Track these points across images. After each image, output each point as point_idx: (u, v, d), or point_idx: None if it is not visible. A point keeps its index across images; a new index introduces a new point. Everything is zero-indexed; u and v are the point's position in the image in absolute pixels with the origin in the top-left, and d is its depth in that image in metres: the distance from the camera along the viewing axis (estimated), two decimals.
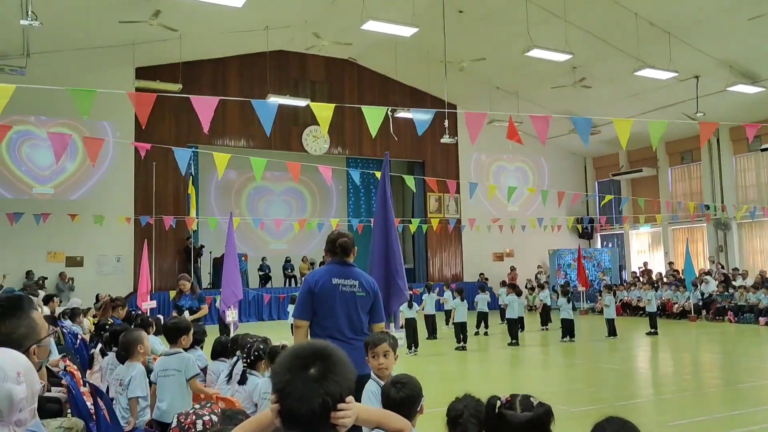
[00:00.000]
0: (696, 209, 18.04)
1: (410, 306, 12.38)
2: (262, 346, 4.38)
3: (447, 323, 16.28)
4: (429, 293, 14.38)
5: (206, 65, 19.69)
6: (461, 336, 12.44)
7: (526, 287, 21.58)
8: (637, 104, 19.32)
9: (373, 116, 7.13)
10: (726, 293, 17.21)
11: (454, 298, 13.66)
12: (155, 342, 6.64)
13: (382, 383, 3.33)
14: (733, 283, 18.09)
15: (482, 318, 14.90)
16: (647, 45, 15.78)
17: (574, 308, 13.97)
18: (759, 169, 20.56)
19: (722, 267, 20.01)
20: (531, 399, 2.06)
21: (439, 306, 15.42)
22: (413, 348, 11.81)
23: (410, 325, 11.94)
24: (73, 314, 9.92)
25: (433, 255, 23.12)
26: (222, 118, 19.41)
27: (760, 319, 15.61)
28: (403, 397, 2.83)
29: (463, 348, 12.31)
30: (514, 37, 16.32)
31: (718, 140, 20.98)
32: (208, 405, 2.76)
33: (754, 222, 20.11)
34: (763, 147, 18.87)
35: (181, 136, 18.79)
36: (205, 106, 6.30)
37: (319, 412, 1.44)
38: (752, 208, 17.81)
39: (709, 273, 19.40)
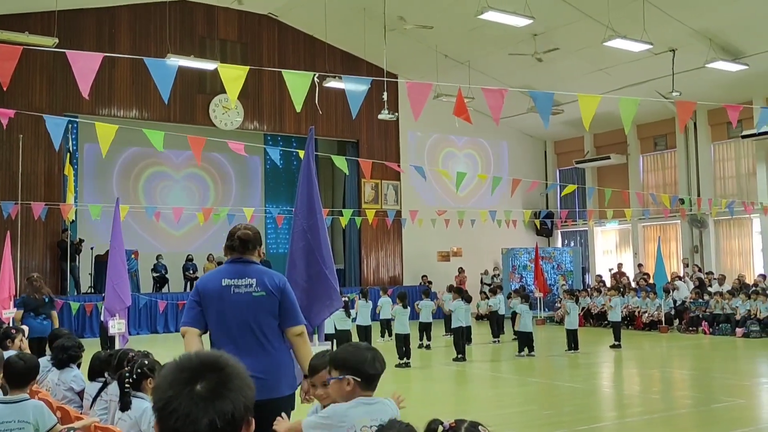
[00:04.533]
0: (669, 203, 18.75)
1: (348, 314, 12.31)
2: (146, 362, 4.26)
3: (383, 335, 16.36)
4: (366, 300, 14.41)
5: (89, 15, 19.03)
6: (404, 350, 12.52)
7: (482, 292, 21.93)
8: (606, 80, 19.89)
9: (297, 84, 7.03)
10: (700, 300, 18.00)
11: (395, 304, 13.74)
12: None
13: None
14: (709, 289, 18.94)
15: (425, 329, 15.05)
16: (618, 10, 16.26)
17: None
18: (739, 159, 21.57)
19: (699, 270, 20.92)
20: (480, 428, 2.07)
21: (374, 315, 15.47)
22: None
23: (343, 339, 11.93)
24: None
25: (368, 254, 23.18)
26: (108, 82, 18.84)
27: (737, 330, 16.41)
28: None
29: (407, 365, 12.38)
30: None
31: (695, 124, 21.88)
32: None
33: (733, 219, 21.10)
34: (744, 133, 19.79)
35: (56, 103, 18.13)
36: (85, 65, 6.06)
37: None
38: (730, 202, 18.67)
39: (681, 277, 20.23)
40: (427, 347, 14.94)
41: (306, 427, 2.95)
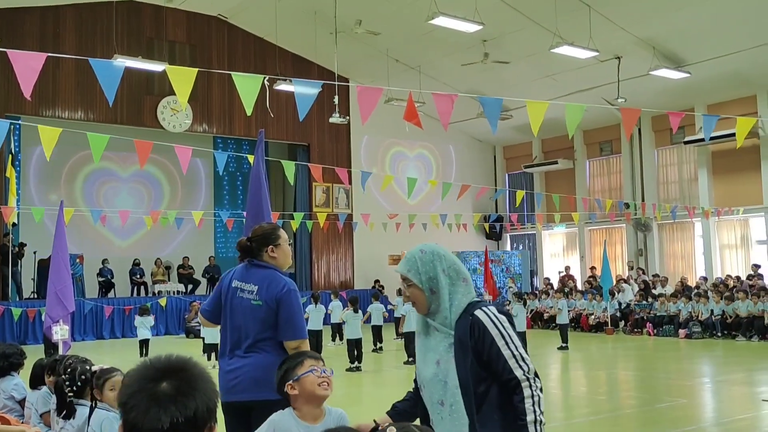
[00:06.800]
0: (614, 207, 19.14)
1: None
2: (88, 368, 4.16)
3: (334, 339, 16.31)
4: (315, 305, 14.34)
5: (33, 14, 18.56)
6: (355, 354, 12.49)
7: None
8: (553, 86, 20.22)
9: (247, 87, 6.97)
10: (645, 302, 18.42)
11: (345, 308, 13.69)
12: None
13: None
14: (653, 291, 19.40)
15: (376, 332, 15.04)
16: (565, 18, 16.55)
17: None
18: (681, 165, 22.16)
19: (643, 272, 21.40)
20: (412, 428, 2.13)
21: (326, 319, 15.42)
22: None
23: None
24: None
25: (319, 258, 23.10)
26: (52, 82, 18.40)
27: (680, 331, 16.84)
28: None
29: (358, 369, 12.37)
30: (417, 1, 16.58)
31: (639, 130, 22.40)
32: None
33: (675, 223, 21.66)
34: (686, 139, 20.34)
35: None
36: (27, 65, 5.90)
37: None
38: (673, 207, 19.16)
39: (626, 280, 20.68)
40: (380, 350, 14.96)
41: None
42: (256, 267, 4.14)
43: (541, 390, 2.68)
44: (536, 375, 2.70)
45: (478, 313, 2.73)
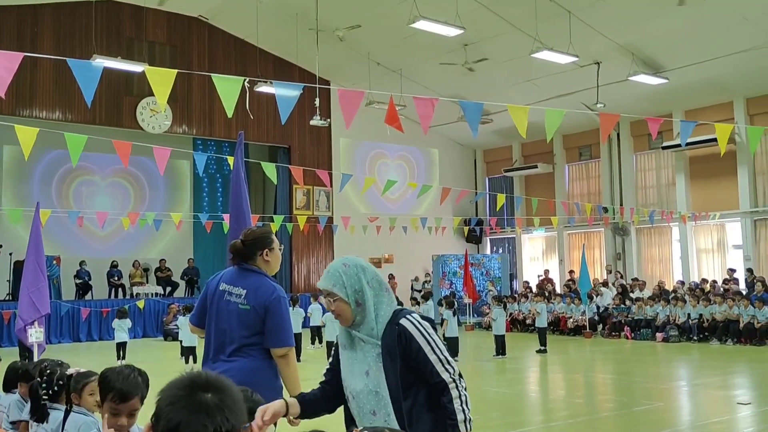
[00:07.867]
0: (593, 211, 19.25)
1: None
2: (65, 372, 4.10)
3: (313, 342, 16.25)
4: (294, 308, 14.28)
5: (10, 13, 18.36)
6: None
7: (412, 298, 22.00)
8: (533, 91, 20.32)
9: (228, 89, 6.92)
10: (623, 306, 18.55)
11: (325, 311, 13.65)
12: None
13: None
14: (631, 294, 19.54)
15: None
16: (546, 23, 16.65)
17: (459, 323, 14.46)
18: (659, 170, 22.35)
19: (621, 276, 21.56)
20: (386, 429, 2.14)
21: (305, 322, 15.36)
22: None
23: None
24: None
25: (299, 260, 23.02)
26: (29, 82, 18.19)
27: (657, 334, 16.97)
28: None
29: None
30: (398, 5, 16.60)
31: (618, 135, 22.57)
32: None
33: (653, 228, 21.85)
34: (664, 144, 20.53)
35: None
36: (3, 65, 5.82)
37: None
38: (651, 212, 19.33)
39: (604, 284, 20.81)
40: None
41: None
42: (246, 271, 4.10)
43: (466, 389, 2.83)
44: (461, 376, 2.85)
45: (404, 322, 2.85)
